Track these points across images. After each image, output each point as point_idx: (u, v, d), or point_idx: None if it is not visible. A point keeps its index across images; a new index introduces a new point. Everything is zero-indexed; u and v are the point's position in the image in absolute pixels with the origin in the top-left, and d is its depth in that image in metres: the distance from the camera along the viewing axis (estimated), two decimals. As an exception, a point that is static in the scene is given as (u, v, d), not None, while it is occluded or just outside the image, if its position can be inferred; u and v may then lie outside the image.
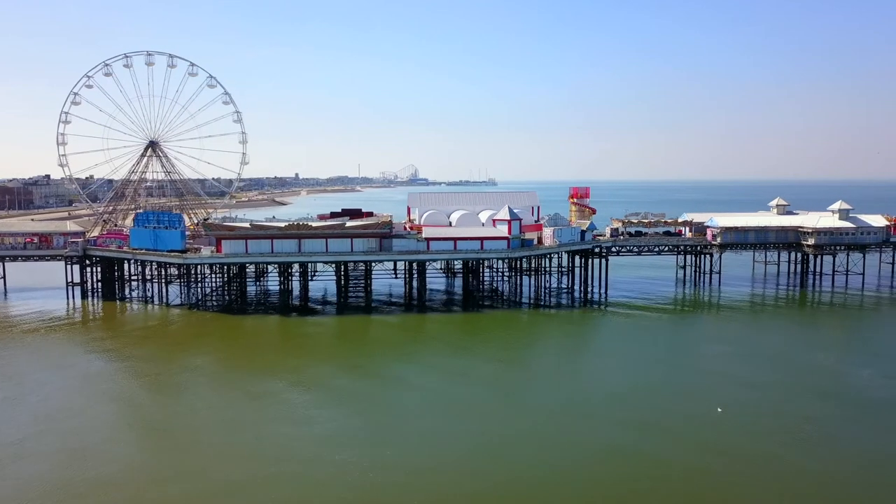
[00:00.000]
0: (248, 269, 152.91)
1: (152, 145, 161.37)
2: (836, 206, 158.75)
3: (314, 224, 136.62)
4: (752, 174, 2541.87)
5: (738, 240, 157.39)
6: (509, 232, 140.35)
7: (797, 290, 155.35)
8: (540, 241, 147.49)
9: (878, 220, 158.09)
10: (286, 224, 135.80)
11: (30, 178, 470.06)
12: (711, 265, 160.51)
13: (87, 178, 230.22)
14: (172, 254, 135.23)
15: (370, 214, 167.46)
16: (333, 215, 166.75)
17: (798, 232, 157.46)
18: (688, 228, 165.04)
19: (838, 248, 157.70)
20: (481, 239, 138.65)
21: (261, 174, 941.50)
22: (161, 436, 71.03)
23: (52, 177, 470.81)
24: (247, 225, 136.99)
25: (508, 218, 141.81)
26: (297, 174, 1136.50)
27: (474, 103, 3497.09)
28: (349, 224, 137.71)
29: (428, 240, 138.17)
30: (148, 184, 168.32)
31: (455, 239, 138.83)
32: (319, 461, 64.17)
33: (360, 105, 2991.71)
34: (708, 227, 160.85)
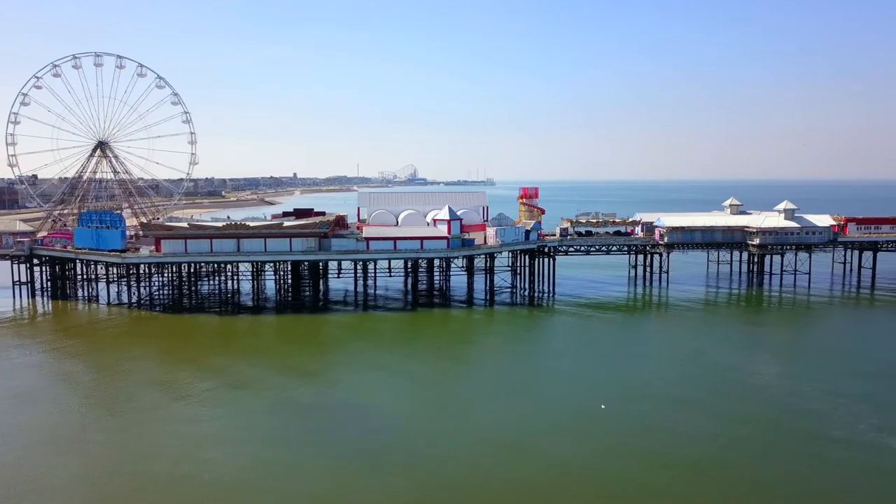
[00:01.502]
0: (202, 269, 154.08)
1: (101, 146, 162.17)
2: (782, 205, 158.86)
3: (252, 224, 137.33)
4: (753, 174, 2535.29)
5: (685, 239, 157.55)
6: (449, 231, 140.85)
7: (742, 290, 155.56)
8: (486, 240, 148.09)
9: (823, 220, 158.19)
10: (224, 224, 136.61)
11: (17, 178, 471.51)
12: (661, 265, 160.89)
13: (76, 176, 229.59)
14: (112, 253, 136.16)
15: (321, 214, 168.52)
16: (285, 215, 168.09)
17: (744, 232, 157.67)
18: (640, 228, 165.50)
19: (786, 247, 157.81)
20: (421, 238, 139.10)
21: (256, 174, 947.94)
22: (29, 435, 71.22)
23: (38, 176, 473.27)
24: (185, 225, 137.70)
25: (448, 218, 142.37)
26: (294, 174, 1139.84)
27: (475, 103, 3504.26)
28: (287, 224, 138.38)
29: (367, 239, 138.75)
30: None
31: (395, 239, 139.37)
32: (188, 459, 64.79)
33: (361, 105, 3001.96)
34: (656, 226, 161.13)
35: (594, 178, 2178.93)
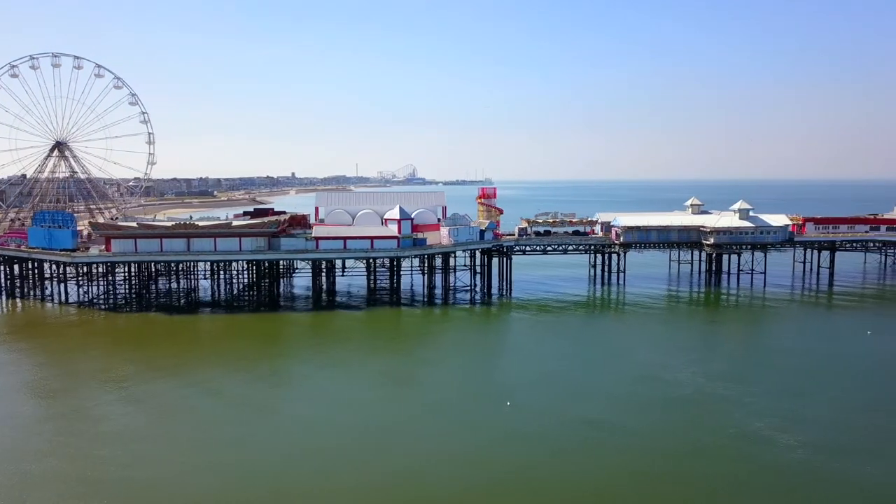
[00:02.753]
0: (160, 268, 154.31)
1: (58, 146, 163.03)
2: (737, 205, 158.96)
3: (201, 223, 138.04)
4: (754, 175, 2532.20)
5: (641, 239, 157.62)
6: (399, 231, 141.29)
7: (698, 289, 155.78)
8: (441, 240, 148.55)
9: (778, 220, 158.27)
10: (174, 224, 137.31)
11: (7, 178, 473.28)
12: (618, 264, 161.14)
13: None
14: (63, 252, 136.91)
15: (281, 214, 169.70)
16: (245, 214, 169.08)
17: (700, 231, 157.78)
18: (599, 228, 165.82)
19: (743, 246, 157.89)
20: (371, 238, 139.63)
21: (257, 174, 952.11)
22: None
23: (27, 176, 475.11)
24: (135, 225, 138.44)
25: (398, 217, 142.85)
26: (293, 173, 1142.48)
27: (476, 102, 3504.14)
28: (236, 223, 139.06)
29: (317, 239, 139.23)
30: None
31: (344, 238, 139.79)
32: (81, 456, 65.40)
33: (362, 104, 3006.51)
34: (612, 226, 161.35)
35: (595, 179, 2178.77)
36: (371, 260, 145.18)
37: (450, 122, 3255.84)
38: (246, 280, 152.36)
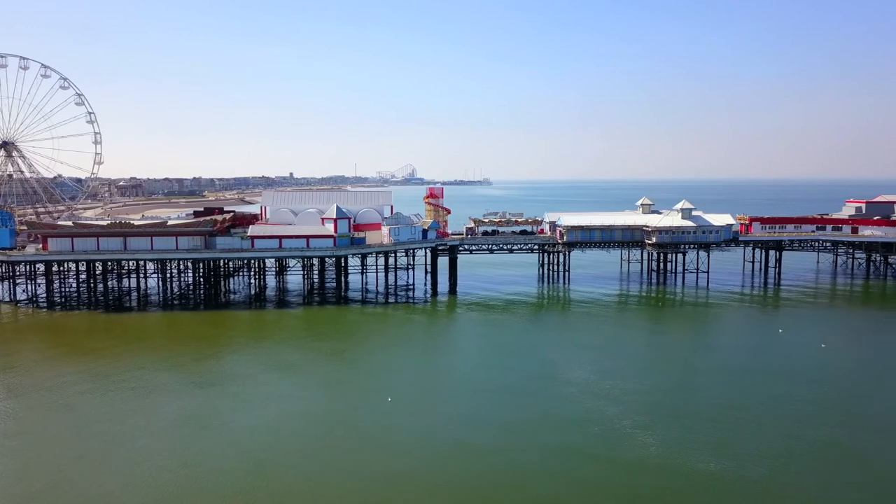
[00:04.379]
0: (111, 268, 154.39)
1: (5, 145, 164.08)
2: (680, 205, 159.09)
3: (137, 223, 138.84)
4: (755, 174, 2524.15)
5: (584, 238, 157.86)
6: (335, 230, 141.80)
7: (639, 289, 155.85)
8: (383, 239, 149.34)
9: (721, 220, 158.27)
10: (109, 222, 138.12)
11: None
12: (564, 263, 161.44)
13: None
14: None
15: (229, 212, 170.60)
16: (197, 214, 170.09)
17: (643, 231, 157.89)
18: (548, 227, 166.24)
19: (687, 246, 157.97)
20: (307, 237, 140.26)
21: (251, 174, 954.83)
22: None
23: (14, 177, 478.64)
24: (71, 224, 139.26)
25: (335, 216, 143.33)
26: (291, 173, 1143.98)
27: (476, 101, 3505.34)
28: (172, 222, 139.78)
29: (252, 238, 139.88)
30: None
31: (280, 237, 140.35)
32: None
33: (362, 104, 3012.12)
34: (557, 226, 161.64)
35: (594, 178, 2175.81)
36: (314, 259, 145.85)
37: (449, 122, 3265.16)
38: (190, 279, 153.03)
